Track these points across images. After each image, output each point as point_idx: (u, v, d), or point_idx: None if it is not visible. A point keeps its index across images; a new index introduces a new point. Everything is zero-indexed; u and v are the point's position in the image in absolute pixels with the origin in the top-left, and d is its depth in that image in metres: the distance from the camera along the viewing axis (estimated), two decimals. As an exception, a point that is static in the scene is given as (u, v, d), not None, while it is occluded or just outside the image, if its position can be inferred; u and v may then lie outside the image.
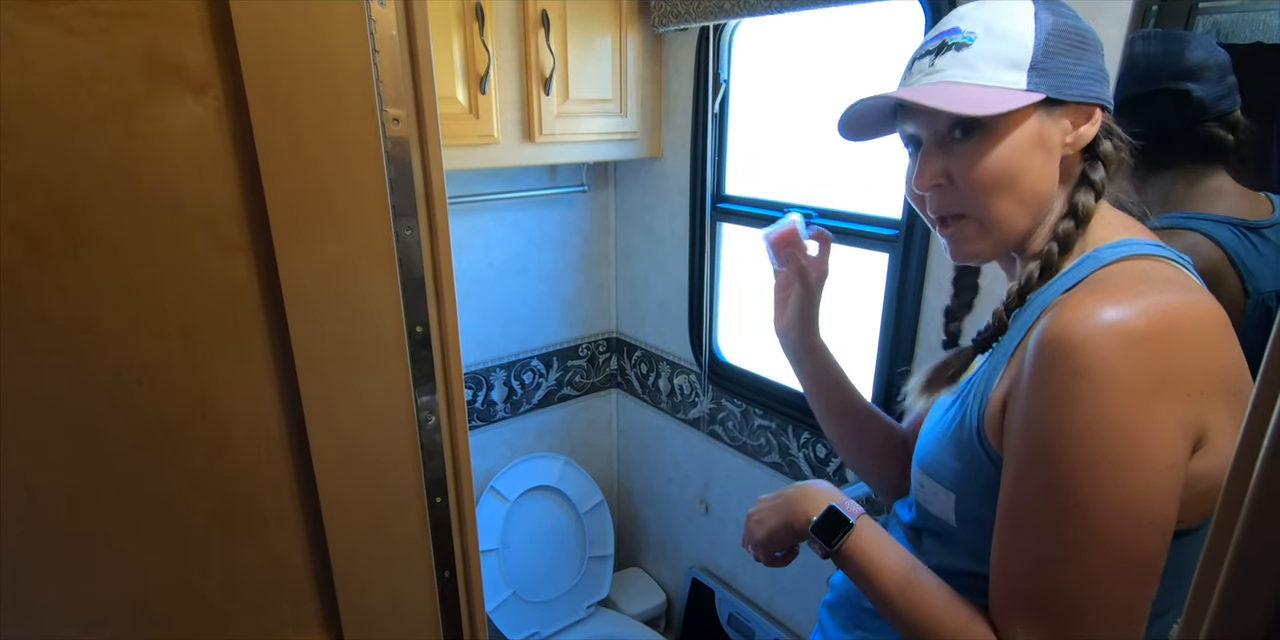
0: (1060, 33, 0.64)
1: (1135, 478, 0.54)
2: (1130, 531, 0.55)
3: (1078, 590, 0.56)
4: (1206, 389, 0.55)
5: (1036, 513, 0.58)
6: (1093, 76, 0.65)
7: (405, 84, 0.59)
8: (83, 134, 0.49)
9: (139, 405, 0.56)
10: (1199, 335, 0.56)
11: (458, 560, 0.73)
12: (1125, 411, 0.54)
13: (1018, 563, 0.60)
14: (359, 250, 0.59)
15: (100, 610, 0.59)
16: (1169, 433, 0.54)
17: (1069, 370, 0.55)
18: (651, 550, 2.24)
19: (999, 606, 0.62)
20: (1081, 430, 0.55)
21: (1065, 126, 0.65)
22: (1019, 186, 0.65)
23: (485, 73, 1.37)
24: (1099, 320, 0.55)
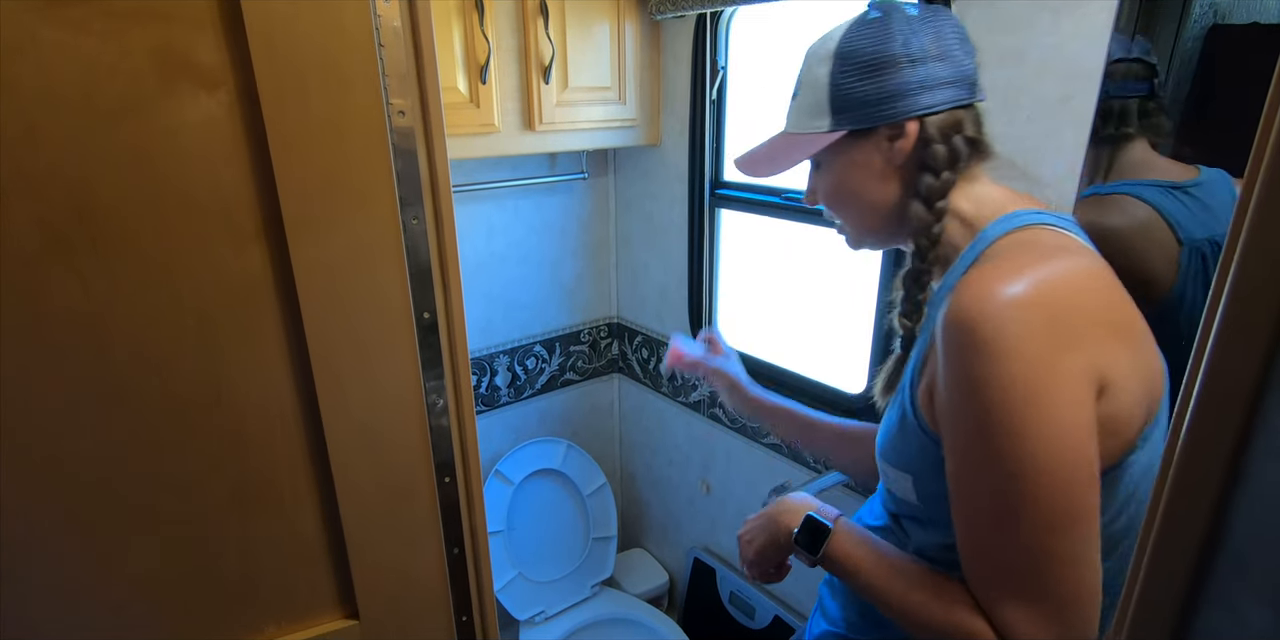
0: (854, 68, 0.71)
1: (1056, 436, 0.58)
2: (1063, 485, 0.58)
3: (1029, 548, 0.60)
4: (1097, 338, 0.60)
5: (978, 485, 0.62)
6: (898, 95, 0.70)
7: (410, 76, 0.61)
8: (100, 131, 0.51)
9: (159, 391, 0.58)
10: (1081, 292, 0.61)
11: (466, 538, 0.76)
12: (1031, 377, 0.57)
13: (976, 535, 0.64)
14: (368, 239, 0.61)
15: (125, 588, 0.62)
16: (1077, 387, 0.58)
17: (972, 347, 0.59)
18: (654, 531, 2.27)
19: (972, 578, 0.65)
20: (997, 400, 0.58)
21: (883, 146, 0.72)
22: (857, 202, 0.77)
23: (485, 62, 1.38)
24: (989, 296, 0.59)
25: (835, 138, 0.73)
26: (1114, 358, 0.60)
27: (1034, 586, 0.60)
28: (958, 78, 0.71)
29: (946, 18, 0.71)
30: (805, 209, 1.49)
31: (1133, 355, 0.62)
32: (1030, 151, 1.08)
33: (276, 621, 0.70)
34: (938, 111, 0.70)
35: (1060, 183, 1.05)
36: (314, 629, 0.71)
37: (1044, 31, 1.02)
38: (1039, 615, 0.60)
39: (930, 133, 0.71)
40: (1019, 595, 0.61)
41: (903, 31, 0.69)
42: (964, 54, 0.71)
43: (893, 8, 0.71)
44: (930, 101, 0.70)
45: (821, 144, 0.74)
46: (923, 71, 0.69)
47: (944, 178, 0.72)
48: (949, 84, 0.70)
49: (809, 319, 1.69)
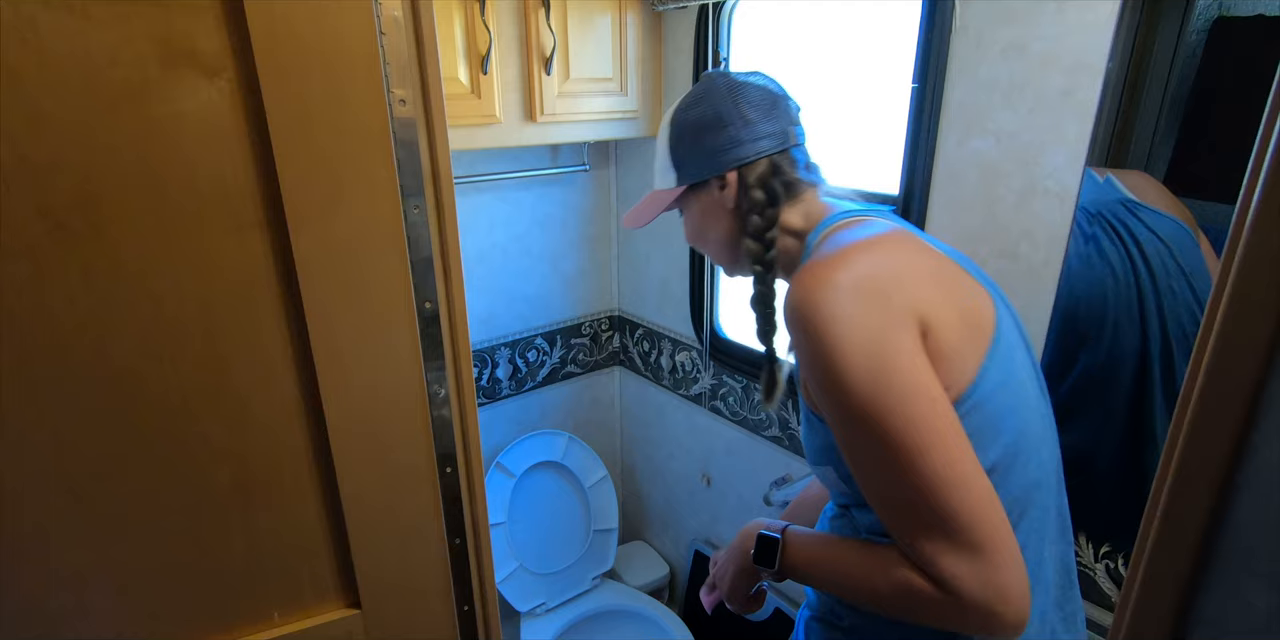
0: (683, 134, 0.88)
1: (889, 377, 0.66)
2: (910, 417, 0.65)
3: (907, 482, 0.66)
4: (906, 288, 0.70)
5: (853, 443, 0.70)
6: (720, 150, 0.85)
7: (411, 65, 0.61)
8: (102, 118, 0.51)
9: (161, 380, 0.58)
10: (879, 254, 0.72)
11: (468, 528, 0.76)
12: (851, 335, 0.67)
13: (874, 489, 0.70)
14: (369, 228, 0.61)
15: (128, 575, 0.62)
16: (890, 334, 0.67)
17: (804, 328, 0.69)
18: (655, 524, 2.28)
19: (893, 533, 0.70)
20: (834, 365, 0.67)
21: (715, 195, 0.88)
22: (708, 240, 0.94)
23: (487, 53, 1.37)
24: (803, 282, 0.70)
25: (680, 191, 0.91)
26: (927, 300, 0.70)
27: (928, 518, 0.66)
28: (768, 133, 0.85)
29: (757, 85, 0.86)
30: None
31: (946, 294, 0.72)
32: (1031, 144, 1.08)
33: (279, 610, 0.70)
34: (751, 162, 0.85)
35: (1061, 174, 1.05)
36: (316, 618, 0.71)
37: (1046, 23, 1.02)
38: (948, 545, 0.65)
39: (749, 180, 0.86)
40: (924, 531, 0.66)
41: (716, 102, 0.85)
42: (773, 112, 0.86)
43: (712, 82, 0.87)
44: (743, 155, 0.85)
45: (672, 197, 0.92)
46: (734, 132, 0.85)
47: (766, 215, 0.85)
48: (760, 138, 0.85)
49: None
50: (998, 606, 0.64)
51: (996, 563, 0.64)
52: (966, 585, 0.64)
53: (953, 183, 1.20)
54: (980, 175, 1.15)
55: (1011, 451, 0.73)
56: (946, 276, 0.74)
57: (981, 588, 0.64)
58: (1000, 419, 0.72)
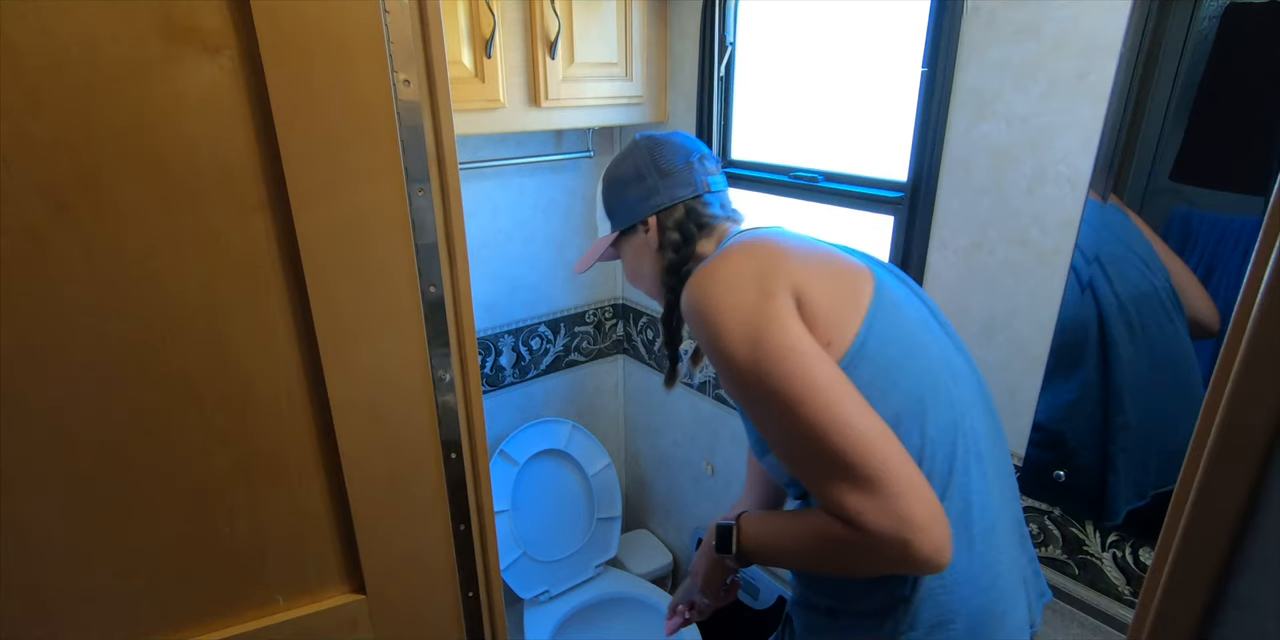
0: (611, 188, 1.04)
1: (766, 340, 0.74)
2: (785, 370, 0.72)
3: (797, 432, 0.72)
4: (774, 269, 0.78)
5: (758, 412, 0.77)
6: (639, 200, 1.00)
7: (415, 46, 0.60)
8: (103, 97, 0.50)
9: (164, 362, 0.57)
10: (750, 251, 0.82)
11: (473, 515, 0.76)
12: (728, 311, 0.76)
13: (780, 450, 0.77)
14: (373, 211, 0.61)
15: (132, 559, 0.62)
16: (766, 305, 0.76)
17: (697, 321, 0.79)
18: (658, 512, 2.28)
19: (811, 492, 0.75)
20: (721, 337, 0.76)
21: (641, 238, 1.02)
22: (641, 277, 1.07)
23: (491, 36, 1.36)
24: (690, 287, 0.81)
25: (614, 236, 1.05)
26: (799, 273, 0.79)
27: (823, 464, 0.72)
28: (679, 183, 0.99)
29: (675, 143, 1.01)
30: (813, 188, 1.48)
31: (815, 269, 0.81)
32: (1043, 128, 1.06)
33: (284, 595, 0.70)
34: (667, 208, 0.99)
35: (1074, 159, 1.04)
36: (322, 603, 0.71)
37: (1060, 4, 1.00)
38: (847, 486, 0.70)
39: (667, 224, 0.99)
40: (825, 478, 0.72)
41: (637, 159, 1.01)
42: (688, 164, 0.99)
43: (636, 144, 1.02)
44: (659, 203, 0.99)
45: (609, 241, 1.06)
46: (649, 183, 0.99)
47: (681, 252, 0.98)
48: (675, 188, 0.99)
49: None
50: (906, 534, 0.68)
51: (893, 492, 0.68)
52: (870, 518, 0.68)
53: (963, 168, 1.18)
54: (991, 160, 1.14)
55: (915, 397, 0.78)
56: (816, 257, 0.83)
57: (885, 518, 0.68)
58: (893, 369, 0.78)
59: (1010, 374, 1.20)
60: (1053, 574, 1.21)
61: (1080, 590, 1.18)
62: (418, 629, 0.77)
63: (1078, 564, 1.18)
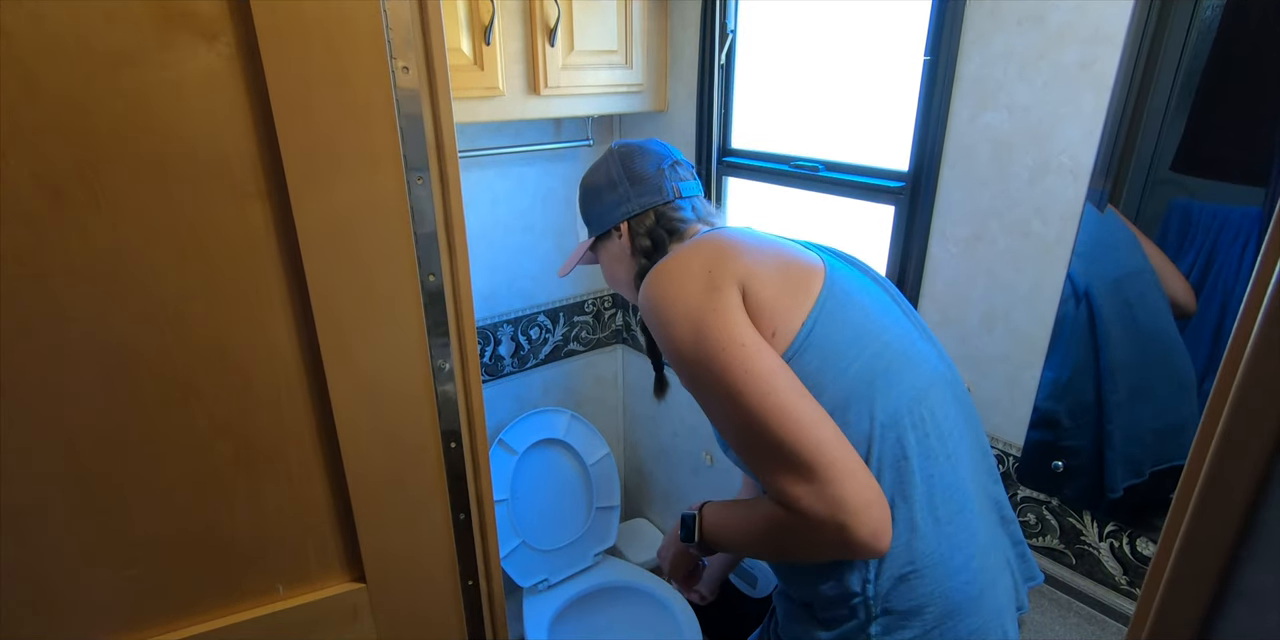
0: (586, 195, 1.07)
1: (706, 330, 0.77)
2: (722, 359, 0.75)
3: (733, 421, 0.76)
4: (721, 263, 0.81)
5: (705, 402, 0.80)
6: (611, 207, 1.02)
7: (414, 33, 0.59)
8: (99, 82, 0.50)
9: (163, 352, 0.57)
10: (699, 247, 0.86)
11: (472, 503, 0.76)
12: (683, 305, 0.79)
13: (730, 439, 0.79)
14: (372, 199, 0.60)
15: (133, 548, 0.62)
16: (710, 297, 0.79)
17: (648, 318, 0.83)
18: (657, 501, 2.29)
19: (760, 480, 0.78)
20: (673, 333, 0.79)
21: (615, 243, 1.04)
22: (617, 281, 1.09)
23: (490, 23, 1.35)
24: (644, 284, 0.85)
25: (590, 242, 1.09)
26: (742, 267, 0.81)
27: (758, 453, 0.75)
28: (649, 190, 1.01)
29: (648, 150, 1.03)
30: (814, 177, 1.47)
31: (761, 261, 0.83)
32: (1046, 118, 1.06)
33: (284, 584, 0.70)
34: (638, 215, 1.01)
35: (1076, 148, 1.03)
36: (322, 591, 0.71)
37: (1065, -7, 0.99)
38: (785, 468, 0.73)
39: (639, 230, 1.01)
40: (761, 465, 0.75)
41: (609, 167, 1.03)
42: (658, 171, 1.01)
43: (610, 152, 1.05)
44: (629, 209, 1.01)
45: (586, 247, 1.10)
46: (621, 191, 1.02)
47: (653, 258, 0.98)
48: (644, 194, 1.01)
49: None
50: (841, 517, 0.71)
51: (828, 477, 0.71)
52: (807, 503, 0.72)
53: (965, 158, 1.18)
54: (993, 151, 1.13)
55: (864, 381, 0.79)
56: (767, 251, 0.86)
57: (820, 502, 0.71)
58: (840, 356, 0.80)
59: (1010, 365, 1.20)
60: (1050, 564, 1.22)
61: (1078, 580, 1.19)
62: (417, 617, 0.77)
63: (1075, 554, 1.19)
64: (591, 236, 1.08)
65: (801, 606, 0.90)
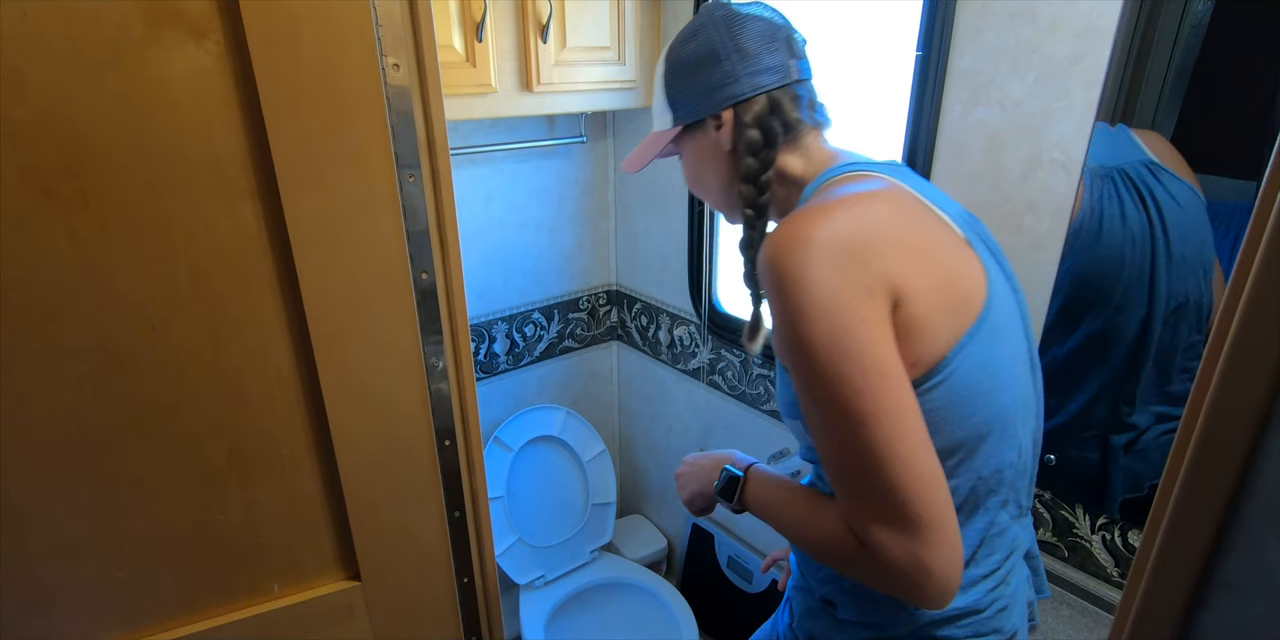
0: (676, 70, 0.84)
1: (842, 342, 0.65)
2: (856, 385, 0.64)
3: (846, 450, 0.66)
4: (886, 256, 0.67)
5: (804, 402, 0.69)
6: (713, 89, 0.81)
7: (405, 30, 0.59)
8: (87, 80, 0.49)
9: (155, 350, 0.57)
10: (866, 218, 0.69)
11: (467, 501, 0.76)
12: (813, 295, 0.65)
13: (820, 449, 0.70)
14: (364, 197, 0.60)
15: (126, 549, 0.62)
16: (855, 299, 0.65)
17: (774, 282, 0.67)
18: (653, 497, 2.29)
19: (838, 496, 0.71)
20: (793, 322, 0.66)
21: (711, 135, 0.84)
22: (705, 184, 0.90)
23: (482, 20, 1.34)
24: (781, 236, 0.68)
25: (676, 132, 0.87)
26: (904, 270, 0.67)
27: (861, 488, 0.67)
28: (764, 68, 0.80)
29: (758, 16, 0.82)
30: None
31: (927, 265, 0.69)
32: (1038, 113, 1.06)
33: (279, 582, 0.70)
34: (747, 99, 0.80)
35: (1068, 143, 1.04)
36: (317, 590, 0.71)
37: (1056, -12, 1.00)
38: (877, 517, 0.66)
39: (745, 119, 0.81)
40: (857, 499, 0.67)
41: (711, 35, 0.81)
42: (773, 45, 0.81)
43: (709, 15, 0.83)
44: (739, 91, 0.80)
45: (668, 138, 0.88)
46: (730, 67, 0.80)
47: (761, 156, 0.82)
48: (758, 73, 0.80)
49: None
50: (919, 577, 0.65)
51: (924, 539, 0.64)
52: (891, 554, 0.65)
53: (957, 153, 1.18)
54: (985, 145, 1.14)
55: (982, 431, 0.72)
56: (936, 245, 0.72)
57: (905, 559, 0.65)
58: (974, 399, 0.71)
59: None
60: (1043, 556, 1.23)
61: (1070, 572, 1.19)
62: (413, 615, 0.77)
63: (1067, 546, 1.19)
64: (678, 124, 0.86)
65: (821, 603, 0.88)
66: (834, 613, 0.87)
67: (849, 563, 0.70)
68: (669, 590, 1.94)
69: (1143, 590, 0.28)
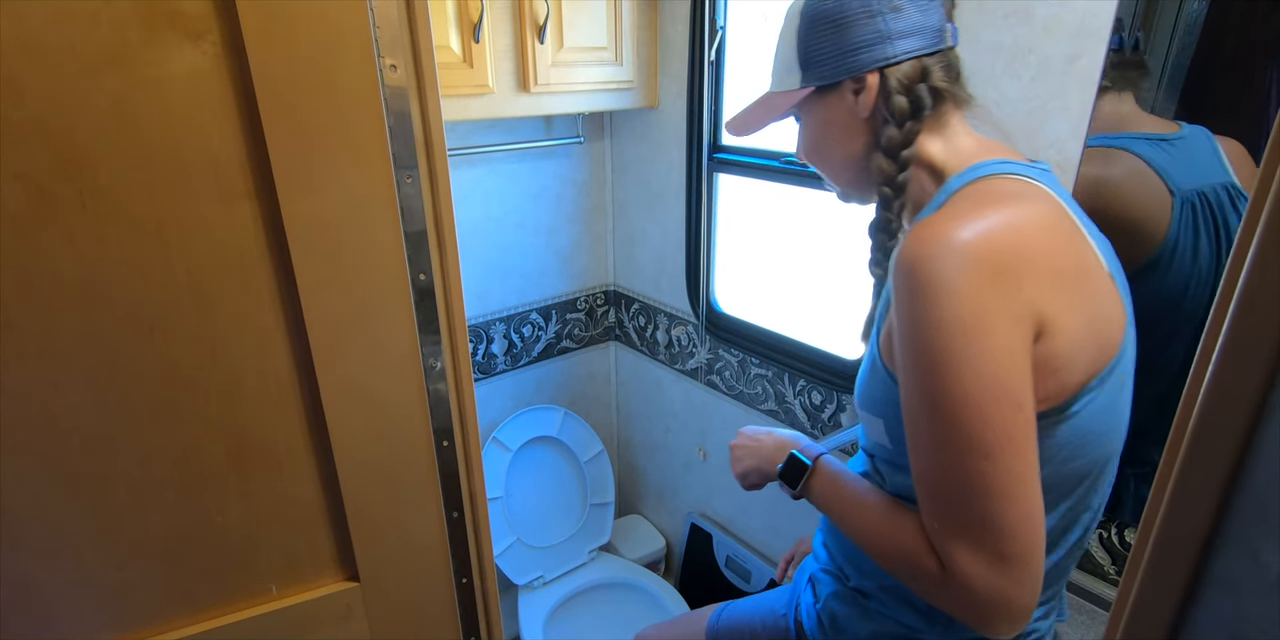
0: (815, 25, 0.74)
1: (981, 366, 0.61)
2: (986, 414, 0.61)
3: (959, 477, 0.63)
4: (1039, 282, 0.62)
5: (919, 417, 0.65)
6: (858, 48, 0.72)
7: (402, 30, 0.59)
8: (83, 82, 0.49)
9: (153, 352, 0.57)
10: (1025, 237, 0.63)
11: (465, 502, 0.76)
12: (960, 311, 0.60)
13: (920, 466, 0.67)
14: (361, 199, 0.60)
15: (124, 550, 0.62)
16: (1003, 323, 0.61)
17: (911, 289, 0.62)
18: (651, 497, 2.29)
19: (922, 508, 0.68)
20: (931, 334, 0.61)
21: (848, 100, 0.75)
22: (830, 155, 0.81)
23: (479, 20, 1.35)
24: (932, 237, 0.62)
25: (805, 94, 0.77)
26: (1055, 301, 0.62)
27: (966, 517, 0.63)
28: (918, 28, 0.72)
29: None
30: (803, 173, 1.47)
31: (1079, 300, 0.64)
32: (1034, 113, 1.06)
33: (277, 583, 0.70)
34: (897, 62, 0.72)
35: (1064, 143, 1.04)
36: (316, 591, 0.71)
37: (1052, -12, 1.00)
38: (975, 547, 0.63)
39: (892, 84, 0.73)
40: (957, 526, 0.64)
41: None
42: (929, 3, 0.72)
43: None
44: (889, 53, 0.72)
45: (793, 101, 0.78)
46: (880, 24, 0.71)
47: (906, 128, 0.73)
48: (909, 35, 0.71)
49: (808, 284, 1.68)
50: (997, 611, 0.63)
51: (1016, 577, 0.62)
52: (976, 585, 0.63)
53: (952, 154, 1.18)
54: (980, 146, 1.14)
55: (1084, 474, 0.70)
56: (1087, 279, 0.67)
57: (990, 593, 0.63)
58: (1089, 441, 0.68)
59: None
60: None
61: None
62: (411, 616, 0.77)
63: (1065, 546, 1.20)
64: (807, 86, 0.76)
65: (854, 591, 0.87)
66: (865, 603, 0.86)
67: (921, 581, 0.68)
68: (667, 590, 1.94)
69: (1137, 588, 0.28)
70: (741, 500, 1.92)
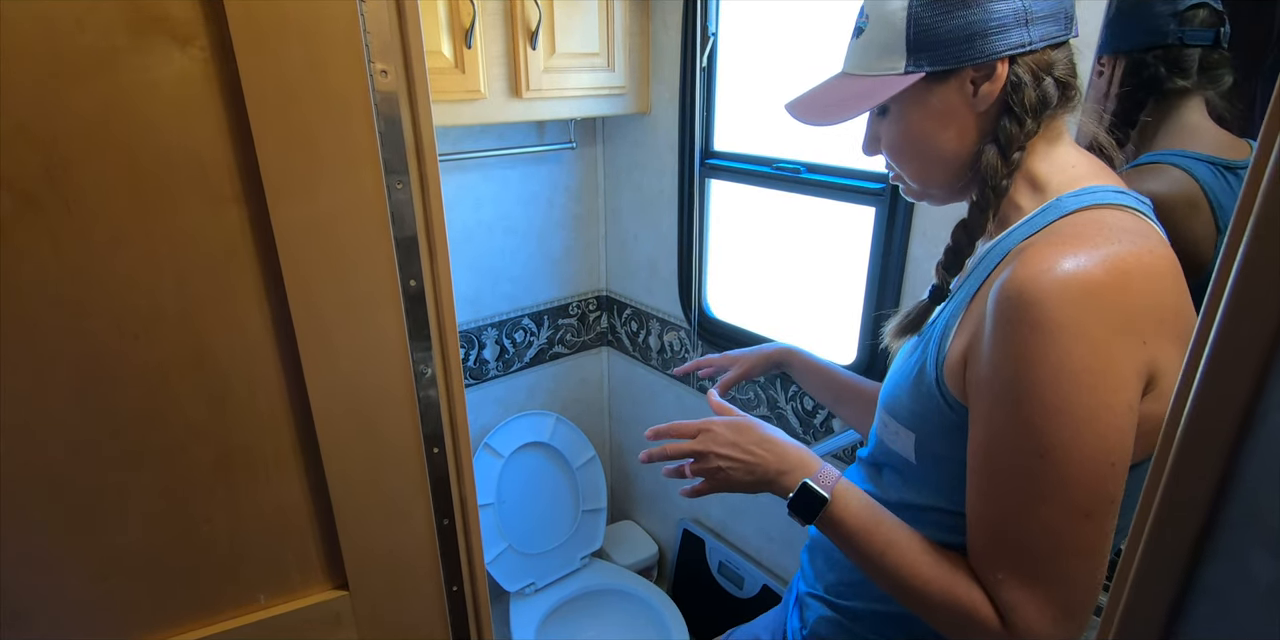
0: (932, 6, 0.64)
1: (1101, 422, 0.56)
2: (1097, 473, 0.57)
3: (1051, 533, 0.59)
4: (1158, 334, 0.57)
5: (1009, 463, 0.60)
6: (988, 32, 0.63)
7: (393, 36, 0.59)
8: (69, 87, 0.49)
9: (138, 357, 0.57)
10: (1152, 283, 0.58)
11: (456, 509, 0.76)
12: (1088, 360, 0.55)
13: (994, 512, 0.62)
14: (351, 204, 0.60)
15: (109, 559, 0.61)
16: (1128, 378, 0.56)
17: (1030, 323, 0.56)
18: (643, 503, 2.29)
19: (979, 554, 0.64)
20: (1048, 380, 0.56)
21: (966, 90, 0.66)
22: (926, 152, 0.71)
23: (471, 26, 1.35)
24: (1058, 272, 0.56)
25: (911, 81, 0.66)
26: (1168, 356, 0.58)
27: (1046, 572, 0.60)
28: (1054, 11, 0.64)
29: None
30: (796, 179, 1.48)
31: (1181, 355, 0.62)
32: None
33: (265, 592, 0.69)
34: (1033, 50, 0.64)
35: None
36: (304, 599, 0.71)
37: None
38: (1046, 602, 0.60)
39: (1020, 75, 0.64)
40: (1030, 579, 0.60)
41: None
42: None
43: None
44: (1024, 39, 0.63)
45: (895, 88, 0.67)
46: (1017, 3, 0.62)
47: (1027, 127, 0.66)
48: (1045, 18, 0.63)
49: (799, 290, 1.68)
50: None
51: (1072, 629, 0.60)
52: (1026, 627, 0.60)
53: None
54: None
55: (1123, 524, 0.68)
56: (1188, 332, 0.60)
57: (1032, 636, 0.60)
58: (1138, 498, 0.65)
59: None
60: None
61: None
62: (401, 624, 0.76)
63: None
64: (918, 71, 0.66)
65: (842, 618, 0.84)
66: (852, 627, 0.83)
67: (970, 632, 0.63)
68: (660, 596, 1.93)
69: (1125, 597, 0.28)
70: (734, 506, 1.92)
